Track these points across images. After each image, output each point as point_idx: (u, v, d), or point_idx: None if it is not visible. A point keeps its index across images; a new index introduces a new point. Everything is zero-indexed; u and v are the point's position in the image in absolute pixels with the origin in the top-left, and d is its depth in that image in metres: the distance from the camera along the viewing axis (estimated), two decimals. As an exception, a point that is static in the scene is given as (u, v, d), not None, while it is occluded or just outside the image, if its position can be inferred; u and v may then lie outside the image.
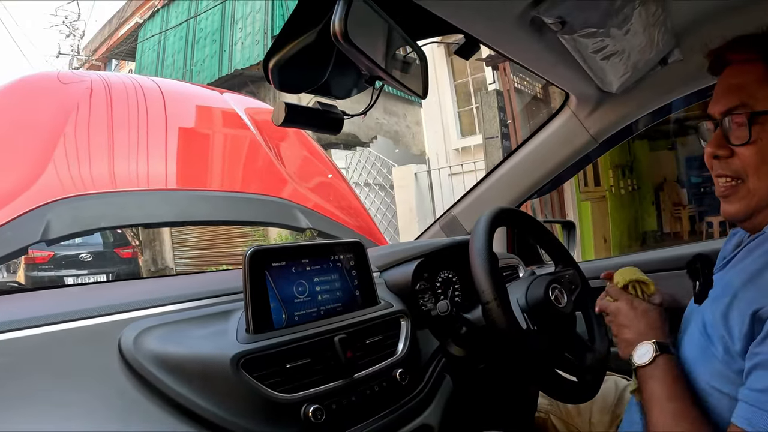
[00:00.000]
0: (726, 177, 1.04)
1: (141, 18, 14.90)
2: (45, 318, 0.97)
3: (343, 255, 1.27)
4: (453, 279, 1.61)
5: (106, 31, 16.83)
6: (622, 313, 1.23)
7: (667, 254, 1.99)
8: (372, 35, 0.95)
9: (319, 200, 2.22)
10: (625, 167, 9.83)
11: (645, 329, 1.18)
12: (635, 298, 1.26)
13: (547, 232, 1.58)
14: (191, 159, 2.19)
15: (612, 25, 1.20)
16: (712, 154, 1.05)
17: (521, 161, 2.07)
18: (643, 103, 1.82)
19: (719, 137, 1.03)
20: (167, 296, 1.15)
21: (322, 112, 1.17)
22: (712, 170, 1.07)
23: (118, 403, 0.92)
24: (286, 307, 1.12)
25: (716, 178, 1.06)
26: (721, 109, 1.03)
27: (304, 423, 1.03)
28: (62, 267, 9.82)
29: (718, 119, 1.04)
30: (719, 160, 1.04)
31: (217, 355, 1.00)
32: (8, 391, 0.84)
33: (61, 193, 1.61)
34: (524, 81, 8.28)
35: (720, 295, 1.00)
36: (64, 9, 18.93)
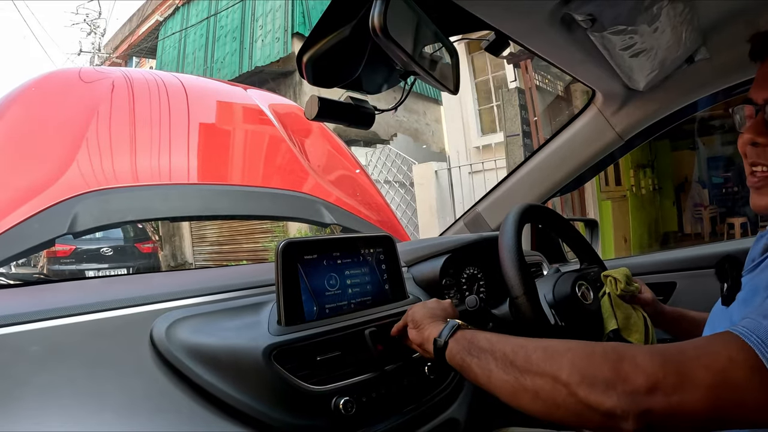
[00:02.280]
0: (763, 166, 1.01)
1: (162, 16, 14.99)
2: (77, 308, 0.98)
3: (373, 249, 1.28)
4: (478, 275, 1.62)
5: (127, 28, 16.95)
6: (413, 315, 1.15)
7: (692, 253, 1.99)
8: (408, 30, 0.96)
9: (342, 196, 2.22)
10: (646, 167, 9.74)
11: (438, 314, 1.14)
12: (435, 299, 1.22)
13: (574, 230, 1.58)
14: (216, 154, 2.20)
15: (641, 22, 1.20)
16: (750, 141, 1.01)
17: (546, 159, 2.06)
18: (669, 101, 1.81)
19: (760, 123, 1.00)
20: (199, 288, 1.16)
21: (354, 107, 1.17)
22: (746, 158, 1.03)
23: (150, 393, 0.93)
24: (318, 299, 1.13)
25: (750, 167, 1.03)
26: (766, 95, 1.00)
27: (335, 415, 1.04)
28: (83, 261, 9.87)
29: (761, 105, 1.01)
30: (757, 147, 1.02)
31: (249, 347, 1.01)
32: (41, 380, 0.85)
33: (85, 187, 1.62)
34: (546, 79, 8.23)
35: (749, 298, 0.98)
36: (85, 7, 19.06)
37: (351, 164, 2.58)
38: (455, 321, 1.06)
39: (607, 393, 0.74)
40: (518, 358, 0.87)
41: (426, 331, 1.09)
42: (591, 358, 0.79)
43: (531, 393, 0.84)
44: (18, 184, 1.60)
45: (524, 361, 0.86)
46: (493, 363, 0.91)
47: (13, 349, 0.87)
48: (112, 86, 2.05)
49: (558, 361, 0.82)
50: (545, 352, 0.85)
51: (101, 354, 0.94)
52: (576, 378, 0.78)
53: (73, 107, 1.90)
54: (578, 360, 0.80)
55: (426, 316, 1.12)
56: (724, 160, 9.69)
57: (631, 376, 0.74)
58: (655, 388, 0.72)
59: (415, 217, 10.32)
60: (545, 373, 0.82)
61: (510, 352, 0.90)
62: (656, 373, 0.72)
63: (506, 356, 0.90)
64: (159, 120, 2.01)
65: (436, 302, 1.18)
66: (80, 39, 27.14)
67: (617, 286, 1.37)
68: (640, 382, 0.73)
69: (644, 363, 0.74)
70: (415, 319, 1.13)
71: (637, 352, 0.77)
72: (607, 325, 1.34)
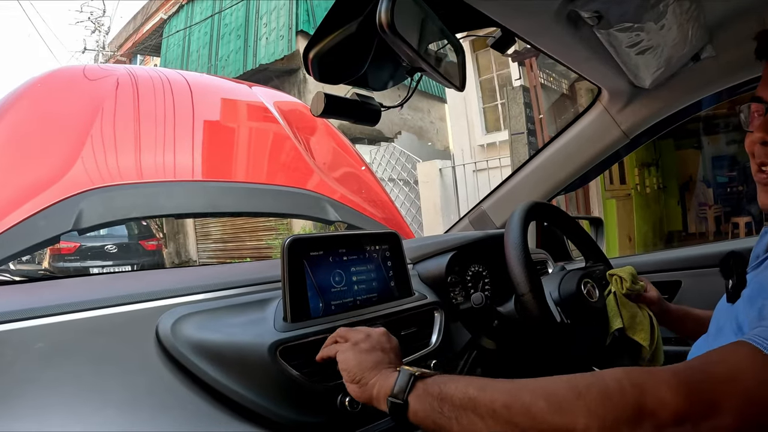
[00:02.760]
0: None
1: (166, 14, 14.99)
2: (82, 304, 0.98)
3: (379, 246, 1.28)
4: (483, 273, 1.61)
5: (131, 27, 16.97)
6: (347, 363, 0.98)
7: (697, 252, 1.98)
8: (415, 27, 0.96)
9: (347, 193, 2.22)
10: (651, 166, 9.72)
11: (379, 357, 0.98)
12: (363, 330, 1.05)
13: (579, 228, 1.58)
14: (220, 151, 2.21)
15: (647, 19, 1.20)
16: (760, 140, 1.00)
17: (551, 156, 2.06)
18: (675, 99, 1.81)
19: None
20: (204, 284, 1.16)
21: (360, 104, 1.17)
22: (753, 157, 1.02)
23: (155, 389, 0.93)
24: (323, 296, 1.13)
25: (759, 166, 1.02)
26: None
27: (340, 412, 1.04)
28: (88, 258, 9.91)
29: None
30: (766, 146, 1.01)
31: (255, 343, 1.01)
32: (46, 376, 0.85)
33: (90, 184, 1.62)
34: (550, 77, 8.22)
35: (755, 295, 0.98)
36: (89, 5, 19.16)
37: (356, 161, 2.58)
38: (408, 370, 0.89)
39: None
40: (515, 414, 0.75)
41: (373, 388, 0.92)
42: (608, 398, 0.70)
43: None
44: (22, 181, 1.61)
45: (524, 417, 0.74)
46: (481, 423, 0.77)
47: (18, 346, 0.87)
48: (116, 83, 2.05)
49: (570, 412, 0.71)
50: (549, 401, 0.73)
51: (106, 350, 0.94)
52: (596, 425, 0.69)
53: (77, 104, 1.91)
54: (594, 405, 0.70)
55: (365, 368, 0.95)
56: (728, 159, 9.66)
57: (657, 410, 0.67)
58: (683, 420, 0.66)
59: (420, 216, 10.31)
60: (557, 429, 0.71)
61: (501, 407, 0.76)
62: (683, 405, 0.67)
63: (497, 413, 0.76)
64: (164, 117, 2.01)
65: (368, 341, 1.01)
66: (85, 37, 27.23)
67: (623, 285, 1.36)
68: (667, 416, 0.66)
69: (668, 396, 0.67)
70: (350, 370, 0.96)
71: (658, 382, 0.69)
72: (613, 323, 1.34)
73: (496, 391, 0.78)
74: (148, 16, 15.77)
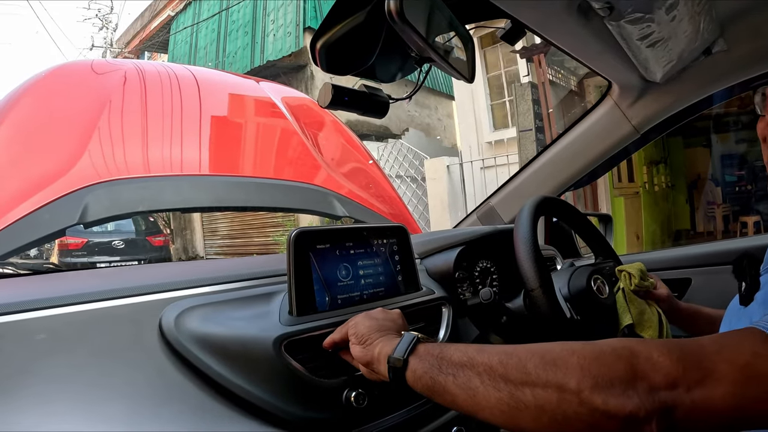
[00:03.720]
0: None
1: (173, 11, 15.05)
2: (86, 295, 0.97)
3: (387, 240, 1.27)
4: (491, 269, 1.60)
5: (139, 23, 17.03)
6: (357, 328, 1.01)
7: (707, 249, 1.97)
8: (424, 16, 0.94)
9: (355, 188, 2.22)
10: (659, 164, 9.70)
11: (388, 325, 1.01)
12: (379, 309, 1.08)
13: (589, 223, 1.56)
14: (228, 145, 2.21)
15: (659, 11, 1.18)
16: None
17: (561, 151, 2.04)
18: (687, 93, 1.79)
19: None
20: (209, 277, 1.15)
21: (368, 95, 1.16)
22: (765, 143, 1.01)
23: (158, 382, 0.92)
24: (330, 289, 1.11)
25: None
26: None
27: (346, 407, 1.03)
28: (95, 253, 9.97)
29: None
30: None
31: (260, 337, 1.00)
32: (48, 367, 0.85)
33: (97, 178, 1.62)
34: (559, 73, 8.20)
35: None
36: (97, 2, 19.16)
37: (363, 157, 2.57)
38: (412, 333, 0.93)
39: (627, 394, 0.66)
40: (510, 369, 0.75)
41: (375, 348, 0.95)
42: (602, 358, 0.70)
43: (533, 409, 0.72)
44: (29, 174, 1.61)
45: (519, 372, 0.74)
46: (477, 379, 0.78)
47: (21, 337, 0.87)
48: (124, 78, 2.05)
49: (563, 367, 0.71)
50: (543, 358, 0.73)
51: (109, 342, 0.93)
52: (588, 383, 0.68)
53: (85, 98, 1.91)
54: (588, 363, 0.70)
55: (373, 329, 0.99)
56: (737, 158, 9.65)
57: (649, 373, 0.66)
58: (676, 383, 0.65)
59: (427, 212, 10.32)
60: (549, 383, 0.71)
61: (497, 363, 0.77)
62: (676, 368, 0.66)
63: (493, 369, 0.77)
64: (171, 111, 2.01)
65: (382, 312, 1.05)
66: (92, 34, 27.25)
67: (631, 281, 1.35)
68: (660, 379, 0.66)
69: (661, 358, 0.67)
70: (360, 332, 0.99)
71: (651, 347, 0.69)
72: (622, 320, 1.33)
73: (494, 350, 0.79)
74: (156, 13, 15.83)
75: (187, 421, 0.89)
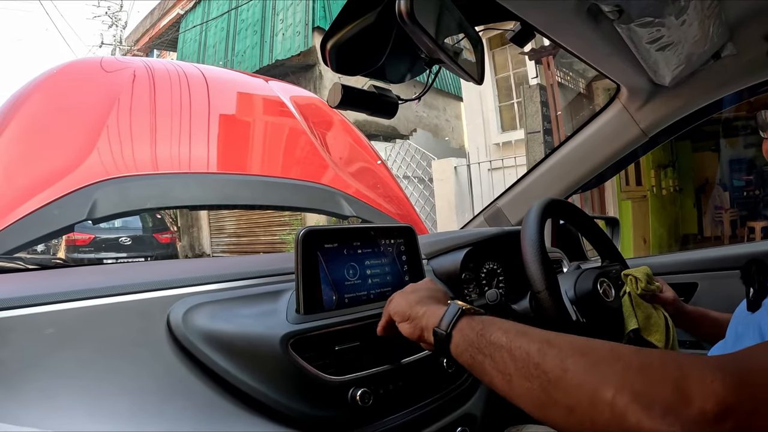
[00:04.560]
0: None
1: (182, 9, 15.09)
2: (94, 291, 0.98)
3: (394, 239, 1.27)
4: (498, 270, 1.60)
5: (148, 21, 17.09)
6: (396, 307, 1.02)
7: (714, 254, 1.96)
8: (435, 17, 0.95)
9: (362, 188, 2.22)
10: (667, 167, 9.67)
11: (431, 295, 1.01)
12: None
13: (596, 226, 1.56)
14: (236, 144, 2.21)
15: (668, 14, 1.18)
16: None
17: (569, 154, 2.04)
18: (695, 97, 1.79)
19: None
20: (217, 274, 1.16)
21: (377, 96, 1.16)
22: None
23: (165, 378, 0.92)
24: (337, 288, 1.12)
25: None
26: None
27: (351, 406, 1.03)
28: (102, 250, 9.97)
29: None
30: None
31: (267, 334, 1.00)
32: (56, 362, 0.85)
33: (105, 175, 1.63)
34: (567, 75, 8.18)
35: None
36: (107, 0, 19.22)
37: (371, 157, 2.57)
38: (457, 304, 0.90)
39: (666, 419, 0.58)
40: (547, 361, 0.70)
41: (422, 320, 0.94)
42: (647, 372, 0.62)
43: (563, 408, 0.68)
44: (38, 170, 1.61)
45: (556, 367, 0.69)
46: (513, 365, 0.74)
47: (29, 331, 0.87)
48: (133, 75, 2.06)
49: (603, 372, 0.65)
50: (585, 357, 0.68)
51: (117, 338, 0.93)
52: (626, 397, 0.61)
53: (94, 95, 1.92)
54: (631, 374, 0.63)
55: (414, 303, 0.98)
56: (746, 162, 9.59)
57: (698, 398, 0.57)
58: (728, 414, 0.56)
59: (434, 213, 10.30)
60: (584, 386, 0.66)
61: (535, 352, 0.72)
62: (730, 397, 0.57)
63: (530, 357, 0.72)
64: (180, 109, 2.02)
65: (426, 282, 1.06)
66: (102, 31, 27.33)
67: (637, 285, 1.35)
68: (710, 407, 0.56)
69: (715, 384, 0.57)
70: (400, 310, 0.99)
71: (703, 368, 0.60)
72: (628, 324, 1.32)
73: (536, 336, 0.76)
74: (165, 12, 15.88)
75: (193, 417, 0.90)
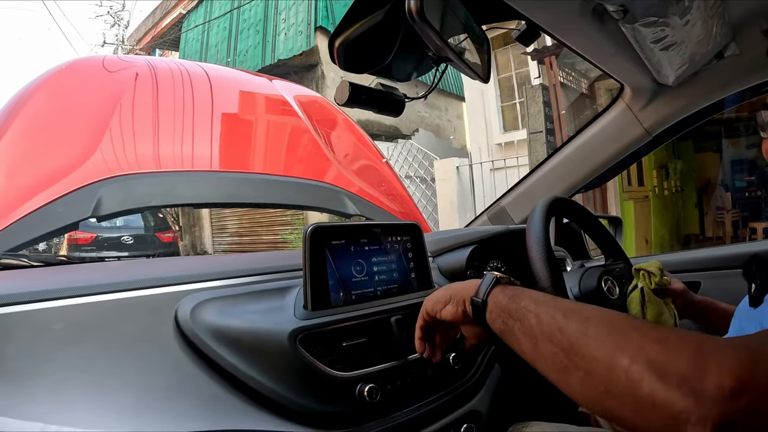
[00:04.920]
0: None
1: (185, 8, 15.09)
2: (102, 287, 0.99)
3: (401, 237, 1.27)
4: (502, 269, 1.61)
5: (150, 21, 17.07)
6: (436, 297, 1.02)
7: (717, 253, 1.96)
8: (443, 16, 0.95)
9: (365, 186, 2.22)
10: (669, 168, 9.67)
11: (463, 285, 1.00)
12: None
13: (600, 225, 1.57)
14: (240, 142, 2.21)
15: (672, 14, 1.19)
16: None
17: (572, 153, 2.05)
18: (699, 97, 1.79)
19: None
20: (225, 270, 1.17)
21: (384, 94, 1.17)
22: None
23: (172, 373, 0.93)
24: (344, 285, 1.12)
25: None
26: None
27: (359, 402, 1.04)
28: (104, 248, 9.99)
29: None
30: None
31: (275, 330, 1.01)
32: (64, 357, 0.86)
33: (109, 173, 1.64)
34: (570, 75, 8.17)
35: None
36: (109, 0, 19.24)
37: (375, 155, 2.58)
38: (493, 273, 0.92)
39: (681, 389, 0.57)
40: (570, 325, 0.72)
41: (462, 294, 0.96)
42: (665, 342, 0.62)
43: (582, 373, 0.68)
44: (42, 168, 1.62)
45: (577, 331, 0.70)
46: (539, 329, 0.75)
47: (37, 326, 0.88)
48: (136, 74, 2.07)
49: (622, 339, 0.66)
50: (605, 324, 0.69)
51: (125, 333, 0.94)
52: (642, 365, 0.61)
53: (97, 94, 1.92)
54: (648, 343, 0.63)
55: (451, 288, 1.00)
56: (748, 163, 9.60)
57: (714, 373, 0.57)
58: (743, 390, 0.55)
59: (436, 213, 10.28)
60: (602, 351, 0.66)
61: (561, 316, 0.74)
62: (745, 374, 0.56)
63: (555, 321, 0.74)
64: (183, 108, 2.02)
65: None
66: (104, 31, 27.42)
67: (651, 280, 1.33)
68: (727, 383, 0.56)
69: (731, 360, 0.57)
70: (440, 298, 1.00)
71: (719, 344, 0.60)
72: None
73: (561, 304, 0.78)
74: (168, 11, 15.87)
75: (201, 412, 0.90)
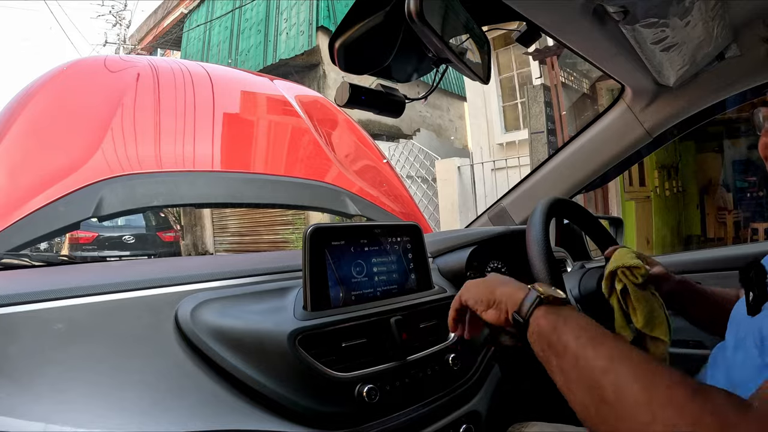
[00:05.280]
0: None
1: (186, 8, 15.09)
2: (103, 287, 0.98)
3: (400, 237, 1.27)
4: (502, 269, 1.61)
5: (152, 21, 17.07)
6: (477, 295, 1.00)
7: (717, 254, 1.96)
8: (443, 17, 0.95)
9: (366, 187, 2.22)
10: (670, 168, 9.65)
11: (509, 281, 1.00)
12: None
13: (601, 226, 1.56)
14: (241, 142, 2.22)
15: (673, 15, 1.18)
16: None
17: (573, 154, 2.05)
18: (700, 98, 1.79)
19: None
20: (225, 271, 1.17)
21: (384, 94, 1.17)
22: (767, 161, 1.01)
23: (173, 373, 0.93)
24: (344, 285, 1.13)
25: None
26: None
27: (358, 402, 1.04)
28: (105, 248, 10.01)
29: None
30: None
31: (275, 331, 1.01)
32: (66, 357, 0.86)
33: (110, 173, 1.64)
34: (571, 76, 8.16)
35: None
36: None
37: (376, 156, 2.58)
38: (536, 290, 0.88)
39: None
40: (607, 384, 0.70)
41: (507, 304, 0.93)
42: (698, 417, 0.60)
43: (610, 428, 0.68)
44: (44, 168, 1.62)
45: (613, 392, 0.69)
46: (575, 373, 0.75)
47: (38, 326, 0.88)
48: (137, 74, 2.07)
49: (655, 413, 0.63)
50: (644, 392, 0.66)
51: (126, 333, 0.94)
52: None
53: (99, 94, 1.92)
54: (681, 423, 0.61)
55: (497, 286, 0.98)
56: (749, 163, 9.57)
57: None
58: None
59: (437, 213, 10.28)
60: (635, 419, 0.65)
61: (599, 371, 0.71)
62: None
63: (593, 373, 0.72)
64: (184, 108, 2.02)
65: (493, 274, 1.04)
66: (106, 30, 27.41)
67: (636, 274, 1.20)
68: None
69: None
70: (484, 297, 0.98)
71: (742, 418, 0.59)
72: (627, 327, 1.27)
73: (603, 352, 0.73)
74: (169, 11, 15.87)
75: (201, 413, 0.90)
